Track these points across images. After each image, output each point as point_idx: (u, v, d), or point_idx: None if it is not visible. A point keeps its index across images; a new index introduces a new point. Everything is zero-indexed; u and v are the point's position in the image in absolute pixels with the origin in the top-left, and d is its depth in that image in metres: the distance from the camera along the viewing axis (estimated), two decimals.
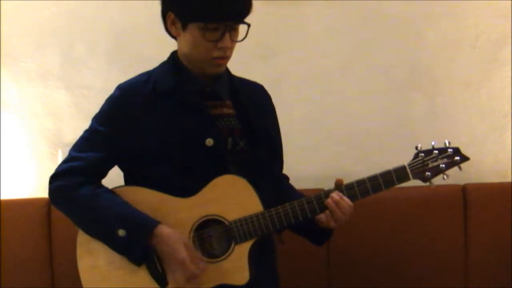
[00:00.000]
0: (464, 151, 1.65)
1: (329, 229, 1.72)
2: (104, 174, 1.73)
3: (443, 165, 1.65)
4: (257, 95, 1.84)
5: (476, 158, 2.43)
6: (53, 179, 1.70)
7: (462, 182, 2.32)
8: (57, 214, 2.34)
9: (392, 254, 2.30)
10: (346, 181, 1.68)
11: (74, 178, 1.66)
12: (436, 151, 1.66)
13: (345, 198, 1.65)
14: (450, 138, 2.44)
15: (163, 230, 1.60)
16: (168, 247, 1.59)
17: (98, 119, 1.72)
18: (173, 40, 1.75)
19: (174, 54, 1.75)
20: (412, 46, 2.51)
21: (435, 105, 2.51)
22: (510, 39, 2.48)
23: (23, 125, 2.57)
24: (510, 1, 2.46)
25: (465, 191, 2.31)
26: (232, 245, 1.63)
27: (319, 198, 1.66)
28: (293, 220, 1.64)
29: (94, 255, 1.66)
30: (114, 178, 1.76)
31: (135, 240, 1.60)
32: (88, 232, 1.67)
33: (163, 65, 1.77)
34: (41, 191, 2.52)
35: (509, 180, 2.46)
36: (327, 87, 2.53)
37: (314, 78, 2.53)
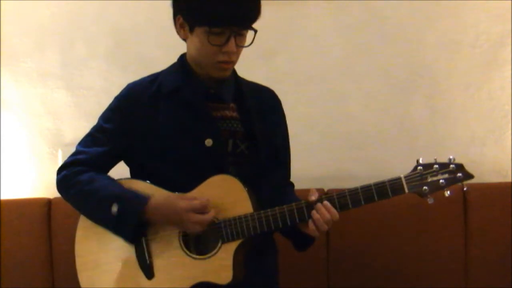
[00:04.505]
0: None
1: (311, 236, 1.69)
2: (106, 168, 1.77)
3: (443, 181, 1.57)
4: (264, 100, 1.83)
5: (476, 158, 2.44)
6: (59, 170, 1.76)
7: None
8: (57, 214, 2.37)
9: (392, 254, 2.30)
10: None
11: (77, 168, 1.72)
12: (436, 166, 1.57)
13: (332, 210, 1.60)
14: (450, 139, 2.47)
15: (154, 201, 1.64)
16: (167, 209, 1.62)
17: (104, 116, 1.77)
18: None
19: (182, 57, 1.78)
20: (412, 46, 2.51)
21: (435, 105, 2.51)
22: (510, 39, 2.47)
23: (23, 125, 2.58)
24: (510, 1, 2.46)
25: (465, 191, 2.31)
26: (219, 244, 1.64)
27: (309, 206, 1.61)
28: (281, 224, 1.62)
29: (89, 241, 1.73)
30: (121, 173, 1.80)
31: (127, 214, 1.63)
32: (86, 214, 1.73)
33: (171, 66, 1.80)
34: (41, 191, 2.53)
35: (509, 180, 2.46)
36: (327, 87, 2.53)
37: (314, 78, 2.54)
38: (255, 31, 1.65)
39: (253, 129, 1.74)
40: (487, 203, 2.31)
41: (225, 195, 1.65)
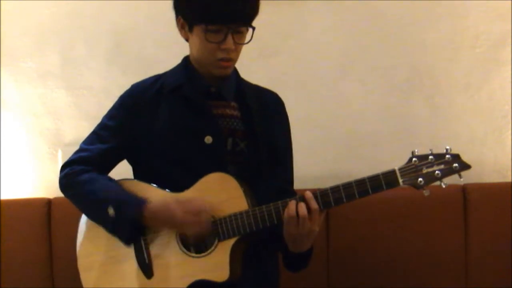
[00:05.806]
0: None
1: (301, 255, 1.68)
2: (109, 166, 1.79)
3: (439, 172, 1.52)
4: (268, 102, 1.84)
5: (476, 158, 2.44)
6: (62, 168, 1.78)
7: (462, 182, 2.31)
8: (57, 214, 2.37)
9: (392, 254, 2.30)
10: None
11: (79, 166, 1.74)
12: (432, 157, 1.52)
13: (311, 204, 1.56)
14: (450, 139, 2.47)
15: (151, 207, 1.64)
16: (164, 214, 1.63)
17: (108, 114, 1.80)
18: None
19: (186, 58, 1.80)
20: (412, 47, 2.51)
21: (435, 105, 2.51)
22: (510, 40, 2.47)
23: (23, 125, 2.58)
24: (510, 1, 2.46)
25: (465, 191, 2.31)
26: (216, 242, 1.64)
27: (303, 199, 1.59)
28: (275, 220, 1.60)
29: (90, 242, 1.75)
30: (123, 172, 1.81)
31: (123, 218, 1.64)
32: (86, 214, 1.75)
33: (174, 67, 1.82)
34: (41, 191, 2.52)
35: (509, 180, 2.46)
36: (327, 87, 2.53)
37: (314, 78, 2.54)
38: (253, 28, 1.66)
39: (254, 128, 1.74)
40: (487, 203, 2.31)
41: (221, 193, 1.65)
